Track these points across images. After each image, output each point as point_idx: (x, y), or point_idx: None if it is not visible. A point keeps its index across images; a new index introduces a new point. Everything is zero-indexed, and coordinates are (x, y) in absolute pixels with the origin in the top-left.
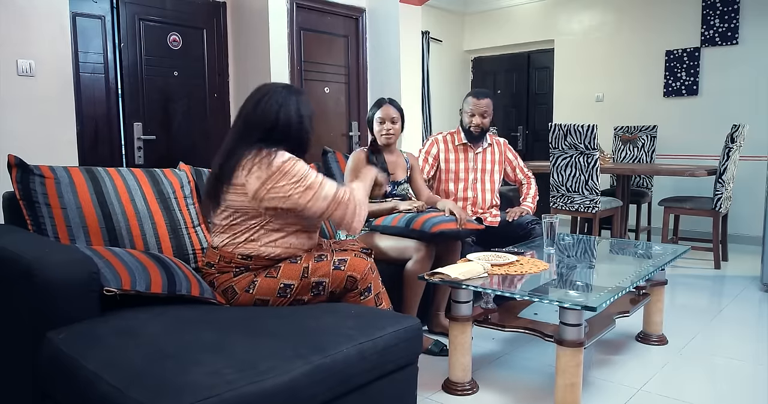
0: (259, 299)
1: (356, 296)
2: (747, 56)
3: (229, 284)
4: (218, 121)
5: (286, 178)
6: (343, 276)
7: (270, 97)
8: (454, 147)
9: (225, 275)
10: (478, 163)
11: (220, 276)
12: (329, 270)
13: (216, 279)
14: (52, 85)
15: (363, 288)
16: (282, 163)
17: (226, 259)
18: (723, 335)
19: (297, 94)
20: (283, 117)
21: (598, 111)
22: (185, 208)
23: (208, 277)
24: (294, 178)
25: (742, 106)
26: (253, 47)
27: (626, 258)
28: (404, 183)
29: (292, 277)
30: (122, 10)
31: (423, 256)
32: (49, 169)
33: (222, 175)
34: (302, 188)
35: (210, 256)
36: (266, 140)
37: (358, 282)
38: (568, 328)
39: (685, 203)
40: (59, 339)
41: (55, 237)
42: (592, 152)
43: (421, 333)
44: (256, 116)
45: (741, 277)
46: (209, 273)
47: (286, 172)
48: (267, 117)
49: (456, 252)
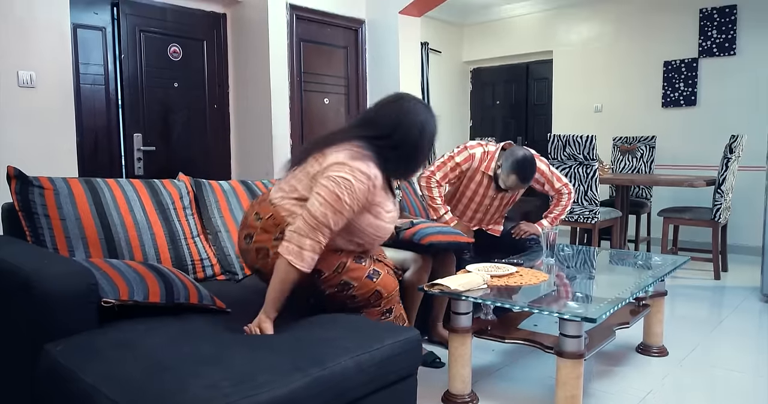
0: None
1: (378, 315)
2: (744, 67)
3: (265, 244)
4: (218, 131)
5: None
6: (372, 288)
7: (398, 103)
8: (479, 171)
9: (266, 235)
10: (498, 193)
11: (260, 234)
12: (362, 275)
13: (256, 234)
14: (53, 97)
15: (386, 308)
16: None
17: (276, 220)
18: (723, 346)
19: (429, 111)
20: (404, 127)
21: (596, 121)
22: (184, 219)
23: (248, 229)
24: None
25: (740, 117)
26: (253, 58)
27: (626, 269)
28: (398, 188)
29: (327, 267)
30: (123, 21)
31: (421, 267)
32: (48, 180)
33: (315, 147)
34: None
35: (263, 208)
36: (369, 140)
37: (383, 299)
38: (568, 340)
39: (685, 213)
40: (57, 351)
41: (53, 248)
42: (591, 163)
43: (420, 344)
44: (376, 116)
45: (741, 288)
46: (251, 225)
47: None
48: (385, 120)
49: (450, 265)
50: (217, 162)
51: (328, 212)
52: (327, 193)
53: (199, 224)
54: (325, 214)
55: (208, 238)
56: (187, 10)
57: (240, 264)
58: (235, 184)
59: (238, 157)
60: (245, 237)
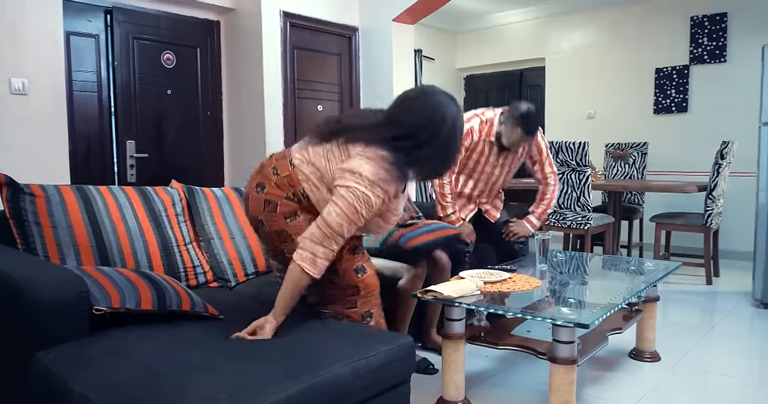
0: (281, 232)
1: (358, 317)
2: (735, 74)
3: (275, 199)
4: (211, 138)
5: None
6: (353, 282)
7: (422, 99)
8: (481, 140)
9: (278, 191)
10: (499, 159)
11: (273, 188)
12: (350, 267)
13: (269, 186)
14: (45, 104)
15: (364, 310)
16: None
17: (291, 181)
18: (715, 351)
19: (455, 102)
20: (432, 124)
21: (589, 128)
22: (177, 226)
23: (263, 179)
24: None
25: (731, 123)
26: (246, 65)
27: (618, 274)
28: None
29: None
30: (116, 28)
31: (415, 274)
32: (39, 188)
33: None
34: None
35: (282, 166)
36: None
37: (360, 298)
38: (561, 346)
39: (676, 219)
40: (48, 359)
41: (45, 256)
42: (584, 169)
43: (413, 351)
44: (400, 114)
45: (733, 293)
46: (267, 176)
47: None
48: (410, 119)
49: (445, 272)
50: (210, 169)
51: (344, 223)
52: (346, 205)
53: (192, 231)
54: (340, 224)
55: (200, 245)
56: (181, 17)
57: (233, 271)
58: (228, 191)
59: (231, 164)
60: (257, 186)
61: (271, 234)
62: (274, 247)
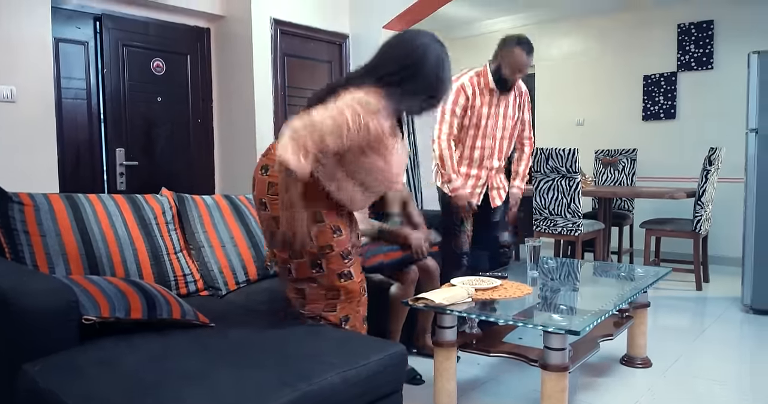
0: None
1: (336, 320)
2: (722, 81)
3: (276, 181)
4: (202, 146)
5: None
6: (334, 285)
7: (397, 38)
8: (480, 90)
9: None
10: (500, 109)
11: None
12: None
13: (271, 168)
14: (34, 111)
15: (342, 315)
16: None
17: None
18: (706, 357)
19: (432, 36)
20: (413, 55)
21: (578, 135)
22: (167, 234)
23: (268, 161)
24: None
25: (718, 129)
26: (237, 73)
27: (609, 280)
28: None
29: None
30: (106, 36)
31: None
32: (28, 196)
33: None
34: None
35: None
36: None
37: (340, 302)
38: (552, 353)
39: (666, 225)
40: (35, 371)
41: (33, 265)
42: (574, 175)
43: (406, 360)
44: (380, 59)
45: (722, 298)
46: (271, 158)
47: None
48: (390, 56)
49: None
50: (200, 176)
51: (327, 121)
52: (334, 107)
53: (182, 239)
54: (323, 122)
55: (191, 254)
56: (171, 24)
57: (224, 280)
58: (219, 199)
59: (222, 171)
60: (262, 168)
61: (269, 219)
62: (272, 233)
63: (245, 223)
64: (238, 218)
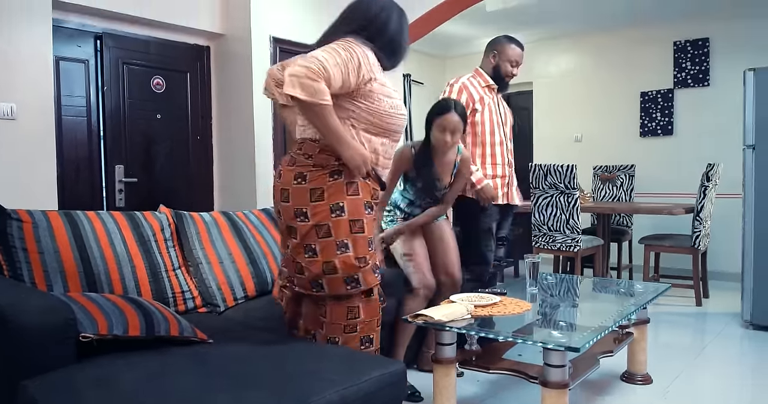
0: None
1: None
2: (718, 97)
3: (320, 186)
4: (201, 163)
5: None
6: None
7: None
8: (483, 89)
9: (320, 172)
10: (500, 107)
11: (314, 172)
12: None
13: (309, 173)
14: (34, 129)
15: (363, 335)
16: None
17: (327, 151)
18: (706, 374)
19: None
20: (383, 17)
21: (577, 151)
22: (165, 251)
23: (302, 168)
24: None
25: (716, 145)
26: (236, 90)
27: (608, 297)
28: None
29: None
30: (106, 54)
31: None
32: (27, 213)
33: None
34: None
35: (307, 148)
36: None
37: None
38: (552, 369)
39: (665, 241)
40: (33, 389)
41: (31, 282)
42: (572, 191)
43: (405, 377)
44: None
45: (722, 314)
46: (304, 163)
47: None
48: (367, 12)
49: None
50: (200, 193)
51: (326, 55)
52: (326, 47)
53: (180, 256)
54: (323, 56)
55: (189, 270)
56: (171, 42)
57: (222, 296)
58: (217, 216)
59: (221, 188)
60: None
61: (310, 229)
62: (306, 245)
63: (243, 239)
64: (236, 234)
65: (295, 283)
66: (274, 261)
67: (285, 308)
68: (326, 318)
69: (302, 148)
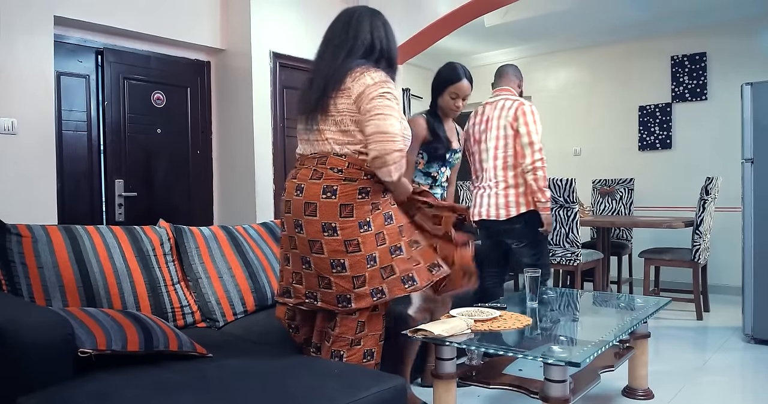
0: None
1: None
2: (716, 111)
3: (350, 202)
4: (201, 177)
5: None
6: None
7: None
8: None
9: (350, 186)
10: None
11: (345, 186)
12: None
13: (339, 187)
14: (34, 143)
15: (366, 349)
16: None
17: (356, 165)
18: (708, 389)
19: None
20: (377, 38)
21: (575, 164)
22: (165, 266)
23: (329, 179)
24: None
25: (714, 159)
26: (236, 105)
27: (609, 311)
28: (459, 152)
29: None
30: (107, 69)
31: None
32: (26, 228)
33: (332, 81)
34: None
35: (334, 162)
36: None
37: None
38: (552, 384)
39: (665, 254)
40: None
41: (30, 297)
42: (572, 205)
43: (405, 394)
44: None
45: (723, 328)
46: (332, 176)
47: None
48: (363, 39)
49: None
50: (199, 207)
51: (393, 122)
52: (384, 106)
53: (180, 271)
54: (392, 125)
55: (188, 285)
56: (171, 58)
57: (221, 311)
58: (216, 230)
59: (220, 202)
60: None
61: (338, 244)
62: (334, 260)
63: (242, 254)
64: (235, 249)
65: (318, 298)
66: (273, 275)
67: (300, 326)
68: (334, 331)
69: (326, 162)
